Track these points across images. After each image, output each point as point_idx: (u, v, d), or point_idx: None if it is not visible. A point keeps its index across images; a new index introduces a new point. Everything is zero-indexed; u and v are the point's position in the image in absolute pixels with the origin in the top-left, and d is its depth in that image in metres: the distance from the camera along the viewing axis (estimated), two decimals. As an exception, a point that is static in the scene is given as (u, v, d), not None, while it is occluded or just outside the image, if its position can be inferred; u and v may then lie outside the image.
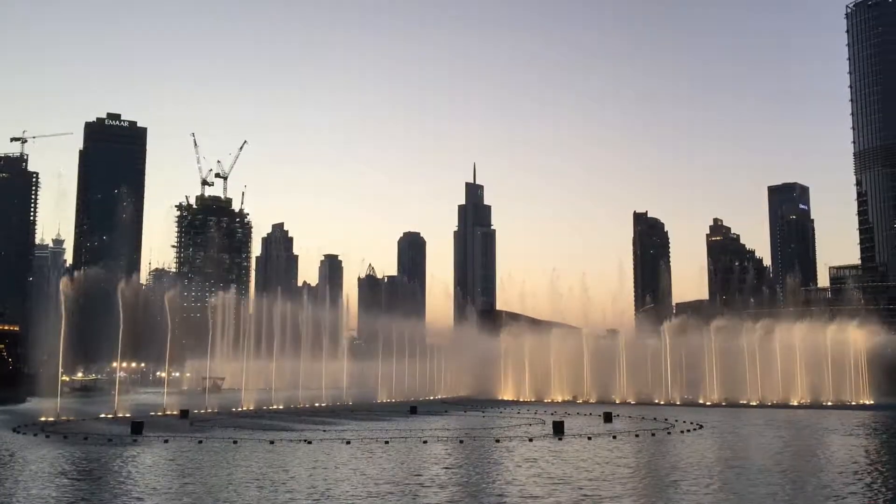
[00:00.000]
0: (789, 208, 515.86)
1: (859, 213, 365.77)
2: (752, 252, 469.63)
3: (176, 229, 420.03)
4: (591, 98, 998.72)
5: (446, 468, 45.74)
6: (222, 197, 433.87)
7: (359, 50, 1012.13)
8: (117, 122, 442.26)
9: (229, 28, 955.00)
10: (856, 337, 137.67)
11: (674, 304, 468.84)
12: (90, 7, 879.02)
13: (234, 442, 58.67)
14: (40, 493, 36.45)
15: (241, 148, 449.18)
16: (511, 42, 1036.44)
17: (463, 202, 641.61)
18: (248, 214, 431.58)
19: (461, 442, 60.84)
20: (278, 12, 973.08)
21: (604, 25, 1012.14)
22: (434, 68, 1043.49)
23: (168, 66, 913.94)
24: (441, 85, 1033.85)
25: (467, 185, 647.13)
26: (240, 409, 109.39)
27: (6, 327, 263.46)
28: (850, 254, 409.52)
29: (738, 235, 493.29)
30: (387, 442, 58.94)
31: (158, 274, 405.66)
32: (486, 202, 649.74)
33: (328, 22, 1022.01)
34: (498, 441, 60.74)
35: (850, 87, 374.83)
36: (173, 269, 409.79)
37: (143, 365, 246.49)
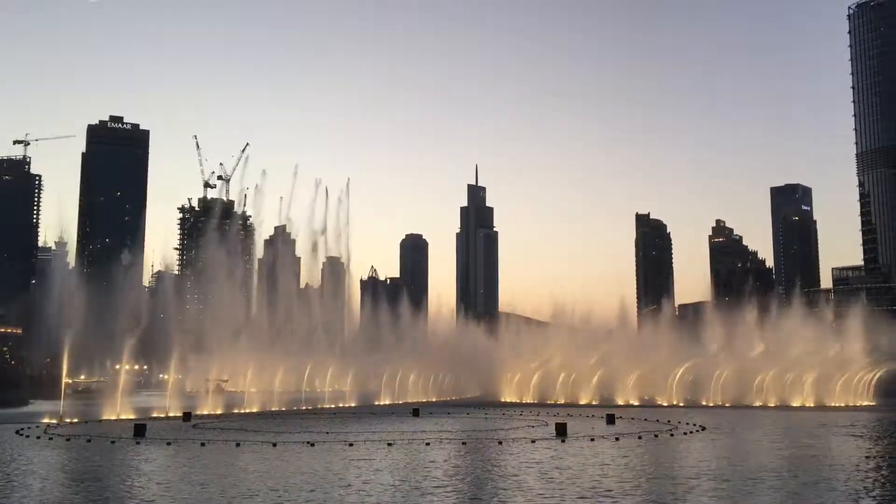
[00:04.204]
0: (792, 209, 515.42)
1: (862, 215, 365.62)
2: (755, 253, 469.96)
3: (178, 231, 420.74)
4: (592, 99, 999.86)
5: (450, 471, 45.70)
6: (225, 199, 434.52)
7: (361, 52, 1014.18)
8: (120, 125, 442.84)
9: (232, 31, 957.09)
10: (859, 338, 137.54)
11: (676, 305, 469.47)
12: (92, 10, 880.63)
13: (237, 444, 58.64)
14: (43, 495, 36.48)
15: (244, 150, 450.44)
16: (513, 43, 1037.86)
17: (465, 204, 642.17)
18: (250, 216, 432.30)
19: (464, 444, 60.80)
20: (280, 14, 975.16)
21: (605, 27, 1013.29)
22: (436, 70, 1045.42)
23: (170, 69, 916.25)
24: (443, 87, 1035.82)
25: (469, 186, 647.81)
26: (242, 411, 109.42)
27: (9, 330, 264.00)
28: (853, 255, 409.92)
29: (740, 237, 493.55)
30: (390, 444, 58.85)
31: (161, 276, 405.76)
32: (488, 204, 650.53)
33: (330, 24, 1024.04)
34: (501, 443, 60.70)
35: (853, 88, 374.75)
36: (176, 272, 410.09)
37: (145, 367, 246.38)
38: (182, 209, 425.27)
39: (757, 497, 35.59)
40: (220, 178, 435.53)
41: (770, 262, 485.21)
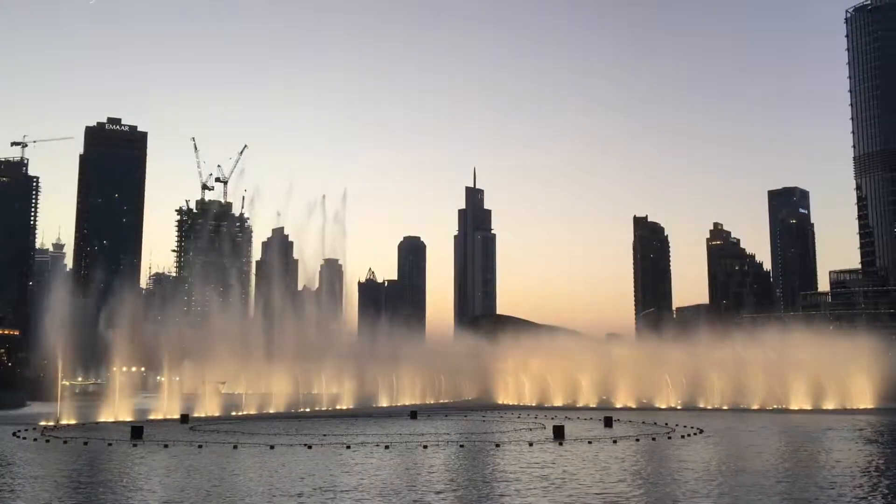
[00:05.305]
0: (789, 212, 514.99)
1: (859, 218, 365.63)
2: (753, 256, 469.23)
3: (176, 233, 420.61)
4: (590, 102, 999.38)
5: (448, 474, 45.62)
6: (222, 201, 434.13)
7: (359, 54, 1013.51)
8: (118, 127, 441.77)
9: (230, 32, 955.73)
10: (856, 341, 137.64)
11: (674, 308, 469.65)
12: (90, 11, 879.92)
13: (235, 447, 58.55)
14: (40, 498, 36.38)
15: (242, 152, 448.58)
16: (511, 45, 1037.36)
17: (463, 206, 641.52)
18: (248, 219, 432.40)
19: (462, 447, 60.73)
20: (278, 16, 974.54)
21: (603, 29, 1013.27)
22: (433, 71, 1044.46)
23: (169, 71, 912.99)
24: (441, 89, 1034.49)
25: (467, 189, 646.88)
26: (240, 414, 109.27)
27: (7, 332, 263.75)
28: (850, 258, 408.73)
29: (738, 240, 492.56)
30: (387, 447, 58.78)
31: (158, 278, 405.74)
32: (486, 206, 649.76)
33: (328, 26, 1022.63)
34: (498, 445, 60.66)
35: (850, 91, 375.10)
36: (173, 274, 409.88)
37: (143, 369, 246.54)
38: (180, 211, 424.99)
39: (758, 501, 35.51)
40: (217, 180, 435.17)
41: (768, 266, 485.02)
